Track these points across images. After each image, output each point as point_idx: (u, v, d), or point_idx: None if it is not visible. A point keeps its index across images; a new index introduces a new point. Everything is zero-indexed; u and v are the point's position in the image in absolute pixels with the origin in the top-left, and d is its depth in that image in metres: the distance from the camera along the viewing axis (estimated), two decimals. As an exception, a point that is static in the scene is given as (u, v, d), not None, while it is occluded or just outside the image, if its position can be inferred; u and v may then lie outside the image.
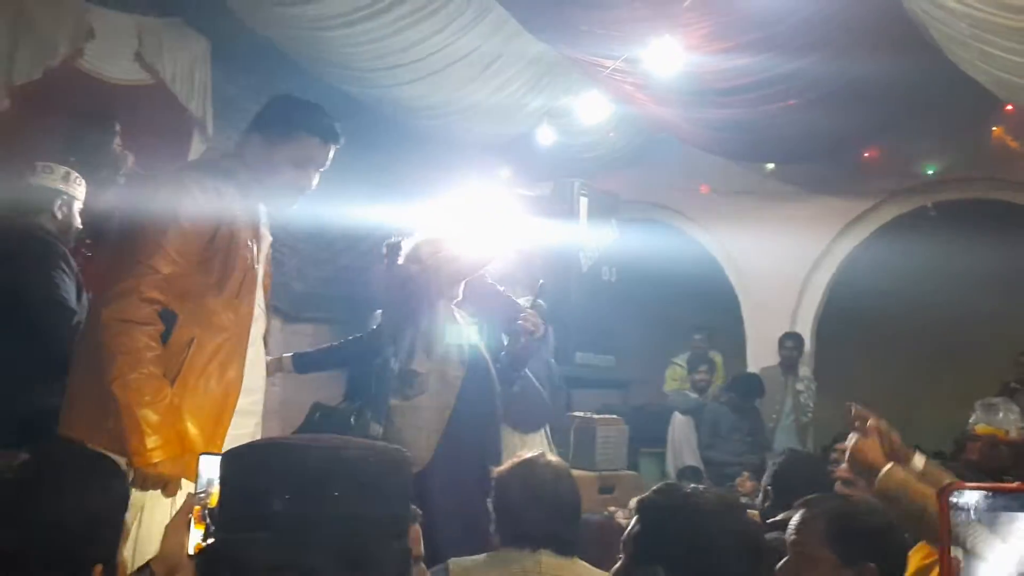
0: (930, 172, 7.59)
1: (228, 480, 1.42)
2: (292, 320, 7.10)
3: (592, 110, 6.91)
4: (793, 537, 2.21)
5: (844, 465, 3.75)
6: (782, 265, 8.14)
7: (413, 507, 2.51)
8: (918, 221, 7.83)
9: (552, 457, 2.65)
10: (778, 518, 3.27)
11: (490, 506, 2.59)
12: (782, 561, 2.22)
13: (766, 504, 3.53)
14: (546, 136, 7.21)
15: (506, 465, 2.62)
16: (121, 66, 5.83)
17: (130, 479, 2.20)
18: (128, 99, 5.76)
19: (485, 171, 7.88)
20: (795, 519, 2.23)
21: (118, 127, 5.24)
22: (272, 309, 4.19)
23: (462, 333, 3.64)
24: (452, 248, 3.67)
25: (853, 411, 2.61)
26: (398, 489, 1.44)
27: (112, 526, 1.72)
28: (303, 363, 4.25)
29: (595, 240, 7.02)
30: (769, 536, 3.22)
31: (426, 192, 7.03)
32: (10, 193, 3.91)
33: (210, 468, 1.79)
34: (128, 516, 1.81)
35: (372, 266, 7.78)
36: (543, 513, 2.45)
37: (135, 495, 2.17)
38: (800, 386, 7.71)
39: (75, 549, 1.63)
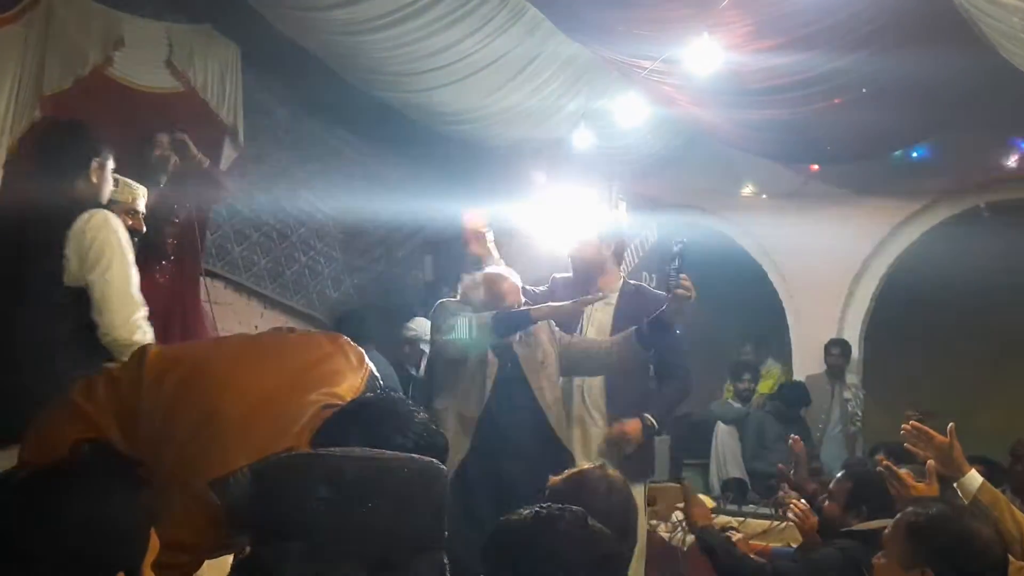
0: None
1: (261, 491, 1.40)
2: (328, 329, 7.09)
3: (630, 112, 6.81)
4: (886, 533, 2.46)
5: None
6: (828, 269, 8.04)
7: None
8: (971, 222, 7.70)
9: (609, 470, 2.63)
10: (862, 527, 3.21)
11: None
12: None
13: (848, 513, 3.46)
14: (583, 139, 7.13)
15: (560, 477, 2.61)
16: (151, 74, 5.87)
17: None
18: (159, 107, 5.79)
19: (519, 176, 7.87)
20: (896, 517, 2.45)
21: (161, 137, 5.26)
22: (308, 318, 4.24)
23: None
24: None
25: (911, 426, 2.66)
26: (434, 501, 1.44)
27: (138, 535, 1.69)
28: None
29: (634, 245, 6.99)
30: (843, 543, 3.18)
31: (459, 198, 7.06)
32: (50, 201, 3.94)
33: None
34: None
35: (407, 273, 7.85)
36: None
37: None
38: (848, 394, 7.61)
39: (97, 554, 1.60)
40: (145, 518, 1.70)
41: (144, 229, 4.06)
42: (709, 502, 3.97)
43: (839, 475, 3.68)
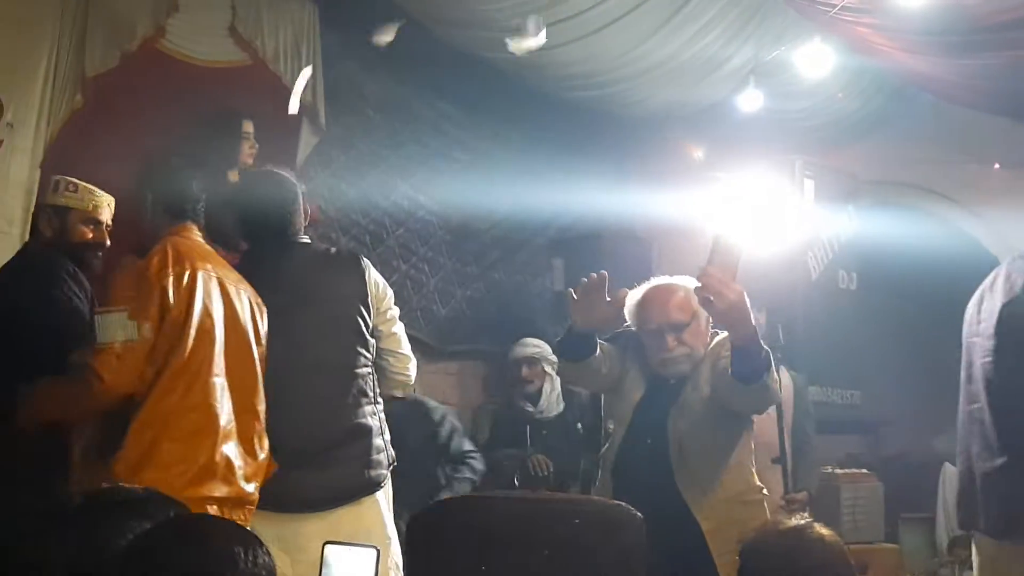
0: None
1: (417, 544, 1.44)
2: (434, 357, 7.19)
3: (814, 64, 6.75)
4: None
5: None
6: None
7: None
8: None
9: (823, 529, 2.56)
10: None
11: None
12: None
13: None
14: (752, 101, 7.09)
15: (763, 533, 2.54)
16: (212, 44, 6.01)
17: None
18: (223, 83, 5.94)
19: (669, 153, 7.82)
20: None
21: (247, 126, 5.39)
22: (411, 342, 4.29)
23: None
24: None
25: None
26: (622, 554, 1.51)
27: None
28: None
29: (827, 236, 6.96)
30: None
31: (594, 184, 7.04)
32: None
33: (337, 558, 2.00)
34: None
35: (531, 281, 7.86)
36: None
37: None
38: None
39: None
40: None
41: (108, 241, 4.25)
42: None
43: None
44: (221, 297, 3.60)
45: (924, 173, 8.06)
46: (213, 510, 3.34)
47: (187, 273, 3.50)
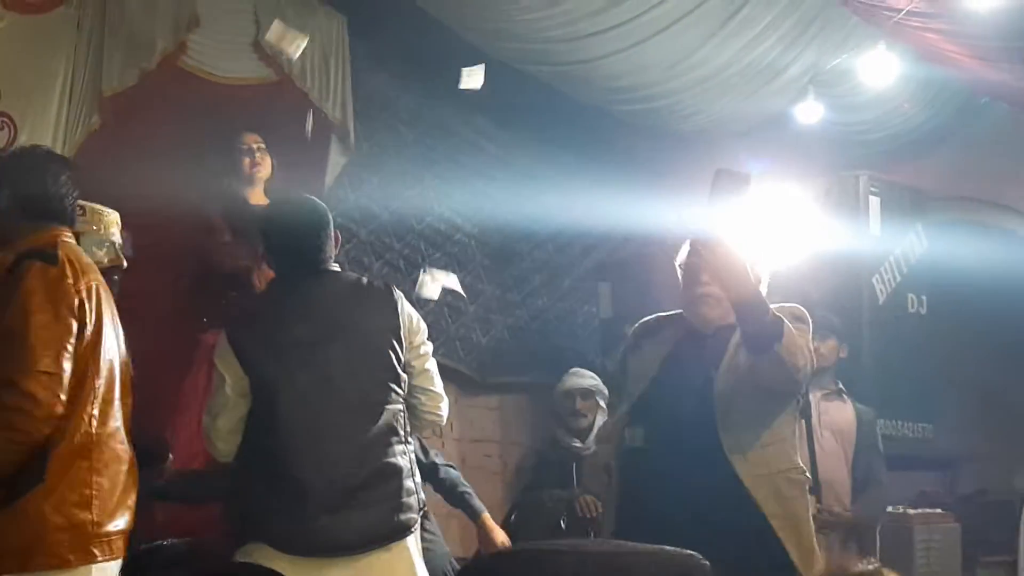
0: None
1: None
2: (473, 390, 7.14)
3: (877, 72, 6.66)
4: None
5: None
6: None
7: None
8: None
9: (892, 573, 2.47)
10: None
11: None
12: None
13: None
14: (811, 113, 7.04)
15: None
16: (235, 60, 5.98)
17: None
18: (247, 101, 5.91)
19: (724, 167, 7.65)
20: None
21: (247, 140, 5.38)
22: (449, 374, 4.17)
23: None
24: None
25: None
26: None
27: None
28: None
29: (894, 257, 6.87)
30: None
31: (644, 204, 6.88)
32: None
33: None
34: None
35: (578, 308, 7.71)
36: None
37: None
38: None
39: None
40: None
41: (124, 263, 4.14)
42: None
43: None
44: (113, 313, 3.41)
45: (998, 188, 7.92)
46: (120, 543, 3.22)
47: (93, 286, 3.29)
